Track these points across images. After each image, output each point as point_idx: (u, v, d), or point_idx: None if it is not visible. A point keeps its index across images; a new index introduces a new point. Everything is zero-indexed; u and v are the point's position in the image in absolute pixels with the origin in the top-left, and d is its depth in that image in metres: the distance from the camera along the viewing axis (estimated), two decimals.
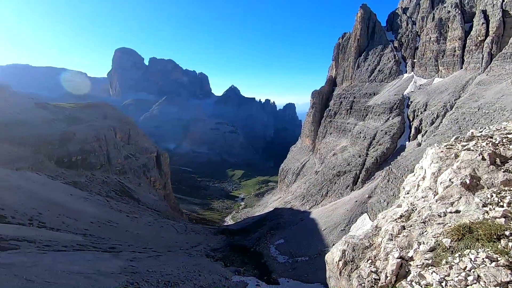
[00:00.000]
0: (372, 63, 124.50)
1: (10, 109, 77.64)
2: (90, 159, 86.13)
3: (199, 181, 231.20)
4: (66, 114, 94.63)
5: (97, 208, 63.41)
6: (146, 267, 34.40)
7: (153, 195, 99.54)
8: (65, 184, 69.95)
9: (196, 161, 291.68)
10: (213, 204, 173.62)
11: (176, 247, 53.37)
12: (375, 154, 78.38)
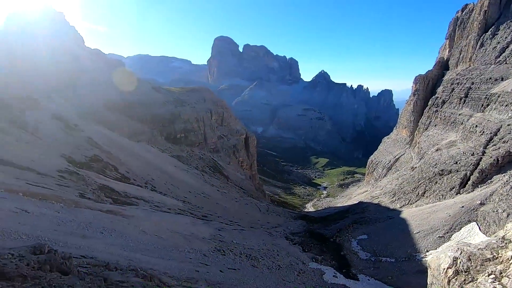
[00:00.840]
0: (503, 40, 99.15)
1: (135, 92, 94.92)
2: (190, 137, 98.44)
3: (283, 166, 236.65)
4: (175, 97, 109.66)
5: (194, 180, 72.72)
6: (231, 238, 38.01)
7: (240, 174, 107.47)
8: (171, 157, 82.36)
9: (281, 145, 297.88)
10: (294, 189, 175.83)
11: (257, 225, 56.90)
12: (496, 153, 63.91)
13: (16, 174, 32.73)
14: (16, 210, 21.79)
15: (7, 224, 19.06)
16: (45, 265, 14.34)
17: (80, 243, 21.05)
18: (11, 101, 50.99)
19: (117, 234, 25.50)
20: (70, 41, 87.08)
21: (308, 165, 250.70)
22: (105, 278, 17.05)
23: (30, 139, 46.29)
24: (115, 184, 47.11)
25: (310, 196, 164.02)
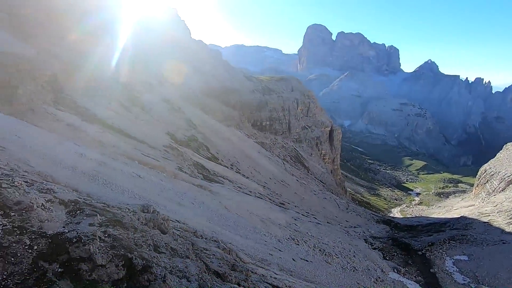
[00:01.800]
0: None
1: (228, 80, 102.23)
2: (275, 125, 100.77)
3: (369, 164, 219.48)
4: (263, 86, 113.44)
5: (275, 168, 74.72)
6: (306, 230, 37.91)
7: (322, 167, 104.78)
8: (256, 143, 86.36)
9: (370, 142, 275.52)
10: (380, 191, 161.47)
11: (335, 222, 54.93)
12: None
13: (135, 145, 39.98)
14: (133, 174, 26.80)
15: (126, 184, 23.65)
16: (149, 222, 17.30)
17: (175, 209, 24.51)
18: (133, 85, 62.09)
19: (205, 207, 28.61)
20: (179, 34, 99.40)
21: (399, 166, 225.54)
22: (193, 243, 19.47)
23: (145, 117, 55.67)
24: (206, 162, 52.54)
25: (398, 200, 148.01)
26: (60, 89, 39.62)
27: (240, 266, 20.67)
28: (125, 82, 58.08)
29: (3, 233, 10.96)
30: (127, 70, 60.44)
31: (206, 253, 19.54)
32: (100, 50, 52.56)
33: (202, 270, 15.65)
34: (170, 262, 13.96)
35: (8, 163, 17.97)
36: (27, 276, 10.22)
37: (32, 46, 42.28)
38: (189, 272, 14.29)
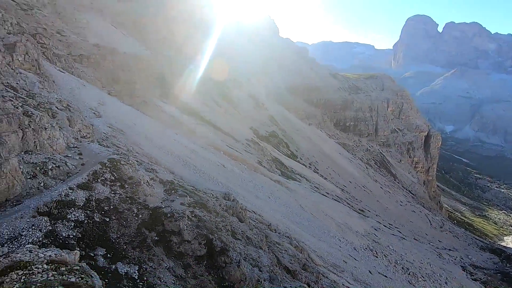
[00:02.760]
0: None
1: (313, 78, 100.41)
2: (360, 126, 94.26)
3: (475, 178, 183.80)
4: (350, 84, 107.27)
5: (356, 171, 70.12)
6: (387, 243, 34.50)
7: (412, 176, 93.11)
8: (337, 143, 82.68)
9: (479, 152, 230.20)
10: (489, 212, 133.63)
11: (423, 239, 48.26)
12: None
13: (221, 137, 43.48)
14: (218, 163, 29.28)
15: (212, 172, 26.03)
16: (229, 209, 18.63)
17: (253, 200, 25.70)
18: (224, 82, 67.34)
19: (280, 202, 29.11)
20: (267, 33, 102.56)
21: None
22: (267, 235, 20.11)
23: (233, 112, 59.84)
24: (285, 159, 53.16)
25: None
26: (166, 85, 46.09)
27: (311, 267, 20.35)
28: (218, 80, 63.48)
29: (119, 200, 13.44)
30: (220, 69, 65.90)
31: (278, 247, 19.93)
32: (199, 51, 58.82)
33: (273, 263, 16.04)
34: (245, 249, 14.77)
35: (125, 145, 21.99)
36: (133, 238, 12.30)
37: (148, 48, 50.34)
38: (261, 263, 14.85)
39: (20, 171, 12.28)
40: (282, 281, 14.87)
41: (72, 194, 12.10)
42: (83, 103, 24.82)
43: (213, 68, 62.04)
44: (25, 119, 15.07)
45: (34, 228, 9.83)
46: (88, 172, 14.16)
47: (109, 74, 37.81)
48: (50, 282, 3.33)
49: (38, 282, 3.28)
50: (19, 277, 3.33)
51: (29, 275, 3.34)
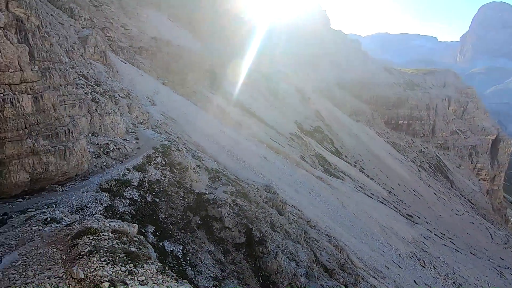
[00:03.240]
0: None
1: (364, 72, 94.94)
2: (414, 125, 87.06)
3: None
4: (406, 79, 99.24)
5: (407, 174, 65.29)
6: (438, 253, 31.77)
7: (473, 184, 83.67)
8: (387, 142, 77.64)
9: None
10: None
11: (482, 255, 43.35)
12: None
13: (265, 129, 43.77)
14: (261, 155, 29.63)
15: (254, 163, 26.44)
16: (269, 201, 18.83)
17: (293, 195, 25.57)
18: (272, 75, 67.24)
19: (321, 199, 28.50)
20: (318, 24, 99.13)
21: None
22: (305, 231, 19.94)
23: (278, 105, 59.69)
24: (329, 155, 51.65)
25: None
26: (215, 77, 47.65)
27: (350, 268, 19.70)
28: (265, 72, 63.65)
29: (168, 183, 14.42)
30: (268, 61, 65.90)
31: (317, 244, 19.64)
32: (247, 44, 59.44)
33: (311, 260, 15.90)
34: (283, 242, 14.86)
35: (176, 132, 23.39)
36: (179, 220, 13.16)
37: (200, 41, 52.39)
38: (299, 258, 14.82)
39: (88, 151, 13.87)
40: (319, 278, 14.68)
41: (129, 175, 13.35)
42: (141, 91, 26.91)
43: (260, 61, 62.29)
44: (93, 105, 16.89)
45: (97, 202, 11.09)
46: (142, 155, 15.45)
47: (164, 65, 40.29)
48: (114, 248, 3.83)
49: (105, 247, 3.82)
50: (90, 241, 3.93)
51: (97, 240, 3.91)
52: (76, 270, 3.58)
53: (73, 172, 12.45)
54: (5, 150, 10.12)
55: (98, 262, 3.67)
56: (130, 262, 3.80)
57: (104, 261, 3.69)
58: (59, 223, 5.44)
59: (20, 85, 10.98)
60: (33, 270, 3.93)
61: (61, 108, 12.89)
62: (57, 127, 11.98)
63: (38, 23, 14.00)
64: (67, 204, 9.84)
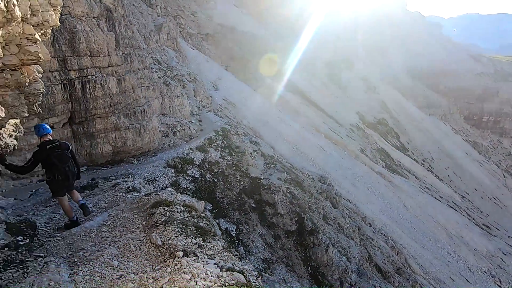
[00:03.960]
0: None
1: (444, 60, 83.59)
2: (503, 123, 74.37)
3: None
4: (497, 68, 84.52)
5: (487, 178, 56.76)
6: None
7: None
8: (465, 141, 68.17)
9: None
10: None
11: None
12: None
13: (324, 119, 42.35)
14: (317, 145, 28.91)
15: (310, 153, 25.98)
16: (324, 193, 18.40)
17: (349, 188, 24.52)
18: (335, 62, 63.97)
19: (380, 196, 26.74)
20: (393, 6, 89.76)
21: None
22: (360, 227, 19.06)
23: (339, 94, 56.88)
24: (392, 150, 47.75)
25: None
26: (276, 63, 47.38)
27: (407, 273, 18.32)
28: (328, 59, 60.89)
29: (226, 165, 15.11)
30: (332, 47, 62.77)
31: (371, 243, 18.65)
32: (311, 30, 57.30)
33: (364, 258, 15.22)
34: (335, 236, 14.49)
35: (235, 117, 24.22)
36: (234, 201, 13.78)
37: (264, 27, 52.33)
38: (351, 253, 14.32)
39: (158, 130, 15.33)
40: (371, 278, 14.03)
41: (192, 154, 14.39)
42: (206, 76, 28.35)
43: (323, 46, 59.65)
44: (164, 88, 18.45)
45: (164, 176, 12.27)
46: (205, 137, 16.46)
47: (228, 51, 41.52)
48: (186, 221, 4.24)
49: (178, 219, 4.26)
50: (165, 212, 4.43)
51: (171, 212, 4.38)
52: (154, 237, 4.00)
53: (145, 148, 13.94)
54: (95, 125, 11.81)
55: (172, 232, 4.04)
56: (200, 236, 4.10)
57: (178, 231, 4.05)
58: (139, 192, 6.24)
59: (108, 69, 12.55)
60: (119, 230, 4.51)
61: (138, 90, 14.37)
62: (135, 107, 13.46)
63: (123, 12, 15.62)
64: (140, 176, 11.10)
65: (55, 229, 5.04)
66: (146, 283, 3.32)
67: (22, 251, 3.95)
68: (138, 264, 3.71)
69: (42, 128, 5.00)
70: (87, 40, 11.54)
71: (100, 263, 3.72)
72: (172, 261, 3.58)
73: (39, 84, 4.68)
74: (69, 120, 11.40)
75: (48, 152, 4.82)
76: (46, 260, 3.72)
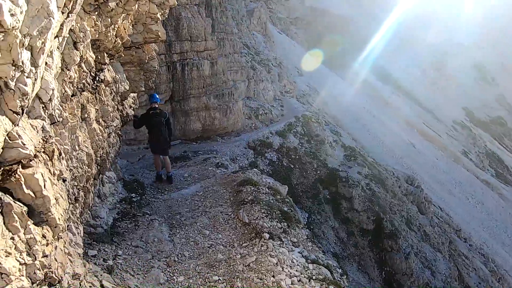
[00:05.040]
0: None
1: None
2: None
3: None
4: None
5: None
6: None
7: None
8: None
9: None
10: None
11: None
12: None
13: (419, 112, 37.31)
14: (407, 141, 25.79)
15: (398, 149, 23.41)
16: (409, 195, 16.49)
17: (443, 195, 21.31)
18: (441, 46, 54.68)
19: (484, 209, 22.46)
20: None
21: None
22: (451, 241, 16.53)
23: (442, 85, 48.85)
24: (507, 156, 39.08)
25: None
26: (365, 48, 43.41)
27: None
28: (432, 43, 52.57)
29: (304, 153, 14.96)
30: (438, 30, 53.74)
31: (464, 261, 16.01)
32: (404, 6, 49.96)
33: (452, 276, 13.23)
34: (419, 244, 12.95)
35: (317, 104, 23.49)
36: (308, 189, 13.62)
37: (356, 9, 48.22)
38: (437, 268, 12.62)
39: (242, 112, 16.13)
40: None
41: (271, 138, 14.72)
42: (291, 61, 28.10)
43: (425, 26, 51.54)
44: (251, 72, 19.12)
45: (244, 156, 12.94)
46: (285, 122, 16.56)
47: (316, 35, 39.97)
48: (271, 204, 4.41)
49: (263, 200, 4.46)
50: (252, 191, 4.71)
51: (257, 192, 4.62)
52: (242, 214, 4.22)
53: (230, 128, 14.88)
54: (190, 104, 13.16)
55: (259, 212, 4.18)
56: (284, 221, 4.14)
57: (264, 213, 4.17)
58: (226, 168, 6.81)
59: (203, 53, 13.66)
60: (209, 202, 4.97)
61: (228, 73, 15.28)
62: (223, 89, 14.39)
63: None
64: (223, 153, 11.98)
65: (157, 191, 5.86)
66: (235, 258, 3.47)
67: (134, 206, 4.71)
68: (226, 237, 3.96)
69: (153, 97, 6.29)
70: (189, 26, 12.73)
71: (194, 230, 4.12)
72: (259, 241, 3.67)
73: (155, 62, 5.45)
74: (170, 98, 12.98)
75: (149, 116, 6.01)
76: (152, 218, 4.36)
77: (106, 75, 3.74)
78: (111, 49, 3.66)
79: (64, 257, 2.18)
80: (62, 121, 2.56)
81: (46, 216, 1.91)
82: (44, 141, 1.97)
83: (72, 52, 2.62)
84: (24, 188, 1.75)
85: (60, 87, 2.53)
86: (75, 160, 2.84)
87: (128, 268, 3.18)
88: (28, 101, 1.72)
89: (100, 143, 3.51)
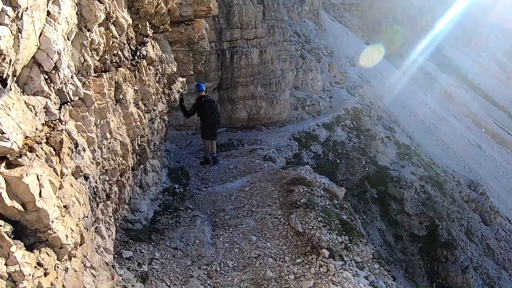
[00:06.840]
0: None
1: None
2: None
3: None
4: None
5: None
6: None
7: None
8: None
9: None
10: None
11: None
12: None
13: (490, 109, 32.89)
14: (473, 142, 22.96)
15: (460, 150, 20.96)
16: (471, 202, 14.73)
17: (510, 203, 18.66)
18: None
19: None
20: None
21: None
22: None
23: None
24: None
25: None
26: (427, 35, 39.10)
27: None
28: (507, 29, 45.52)
29: (352, 148, 14.16)
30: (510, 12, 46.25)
31: None
32: None
33: None
34: (480, 258, 11.54)
35: (370, 97, 21.99)
36: (355, 187, 12.87)
37: None
38: (500, 286, 11.14)
39: (289, 102, 15.76)
40: None
41: (318, 130, 14.16)
42: (343, 50, 26.57)
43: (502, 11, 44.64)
44: (300, 61, 18.49)
45: (288, 148, 12.67)
46: (333, 115, 15.78)
47: (372, 23, 37.12)
48: (328, 210, 3.79)
49: (319, 205, 3.85)
50: (305, 192, 4.19)
51: (311, 194, 4.09)
52: (294, 220, 3.60)
53: (275, 118, 14.66)
54: (237, 92, 13.21)
55: (314, 220, 3.60)
56: (345, 234, 3.51)
57: (321, 222, 3.57)
58: (274, 162, 6.52)
59: (253, 40, 13.50)
60: (256, 200, 4.52)
61: (276, 62, 14.94)
62: (271, 78, 14.15)
63: None
64: (267, 143, 11.86)
65: (201, 182, 5.72)
66: (287, 278, 2.93)
67: (177, 198, 4.55)
68: (275, 247, 3.44)
69: (200, 86, 6.71)
70: (239, 14, 12.63)
71: (239, 233, 3.71)
72: (316, 258, 3.10)
73: (205, 42, 5.25)
74: (218, 85, 13.17)
75: (203, 103, 6.31)
76: (194, 214, 4.13)
77: (149, 51, 3.26)
78: (154, 17, 3.18)
79: (78, 281, 1.73)
80: (84, 102, 2.01)
81: (45, 234, 1.39)
82: (49, 127, 1.48)
83: (93, 4, 1.94)
84: (7, 198, 1.19)
85: (78, 54, 1.94)
86: (105, 151, 2.40)
87: (164, 276, 2.93)
88: (11, 66, 1.15)
89: (138, 130, 3.07)
